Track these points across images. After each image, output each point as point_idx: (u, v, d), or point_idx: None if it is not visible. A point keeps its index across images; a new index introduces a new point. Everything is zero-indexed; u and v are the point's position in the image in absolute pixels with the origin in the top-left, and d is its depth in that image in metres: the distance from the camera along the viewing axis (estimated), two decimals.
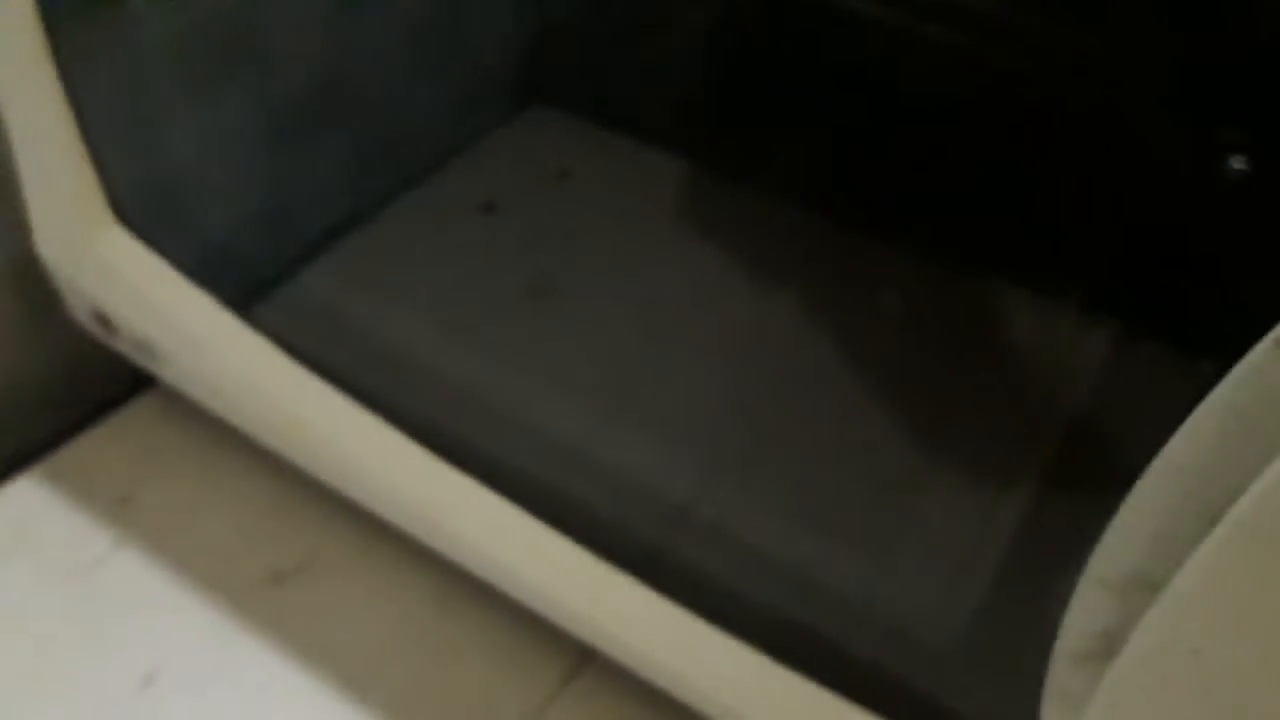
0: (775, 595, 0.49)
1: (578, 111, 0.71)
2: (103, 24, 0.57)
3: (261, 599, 0.61)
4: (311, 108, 0.67)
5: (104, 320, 0.67)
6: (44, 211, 0.64)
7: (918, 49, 0.43)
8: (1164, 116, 0.32)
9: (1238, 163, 0.30)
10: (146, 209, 0.62)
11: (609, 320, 0.63)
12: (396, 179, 0.71)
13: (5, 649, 0.59)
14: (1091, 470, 0.37)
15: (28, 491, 0.67)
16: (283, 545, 0.64)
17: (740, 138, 0.58)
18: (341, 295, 0.65)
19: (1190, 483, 0.30)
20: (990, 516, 0.42)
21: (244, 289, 0.62)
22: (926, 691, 0.46)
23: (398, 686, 0.58)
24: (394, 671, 0.58)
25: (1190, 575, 0.30)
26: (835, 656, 0.47)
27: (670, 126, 0.63)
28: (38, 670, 0.58)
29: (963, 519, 0.44)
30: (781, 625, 0.48)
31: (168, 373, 0.67)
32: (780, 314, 0.57)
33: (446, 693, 0.58)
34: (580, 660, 0.59)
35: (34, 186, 0.63)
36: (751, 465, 0.53)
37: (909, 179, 0.50)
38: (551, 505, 0.53)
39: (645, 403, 0.58)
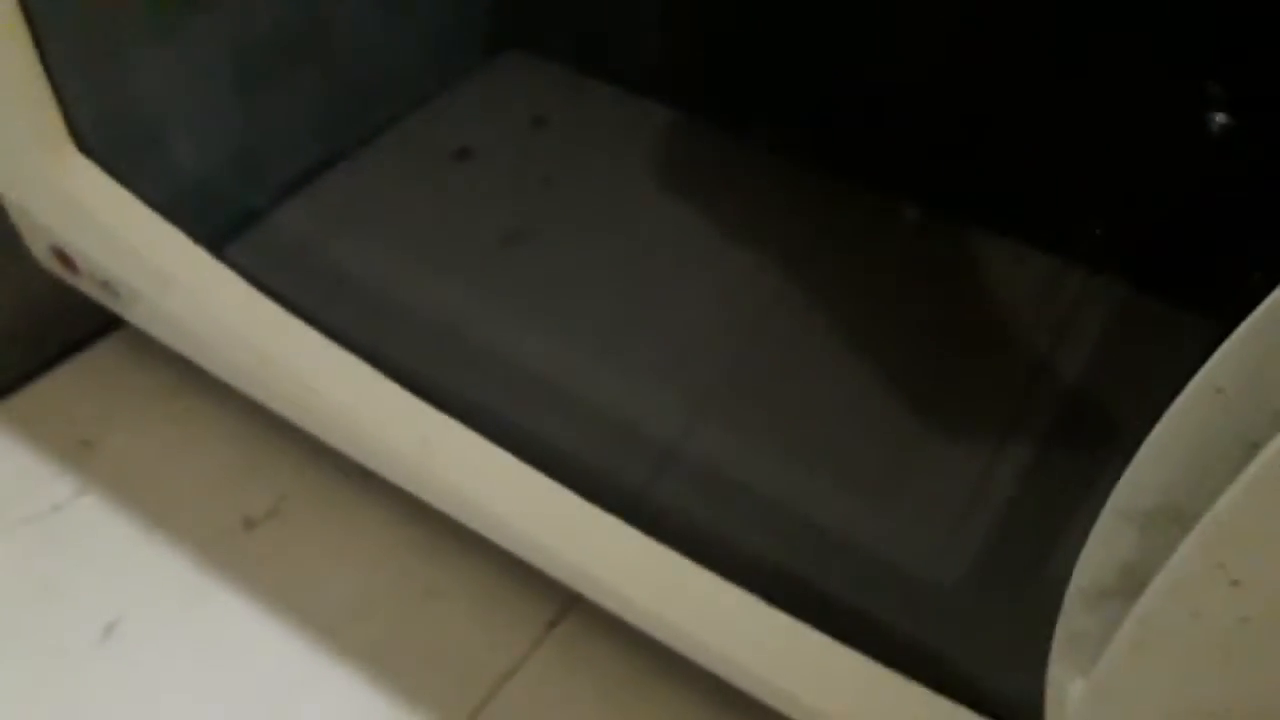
0: (766, 537, 0.47)
1: (552, 58, 0.68)
2: None
3: (231, 545, 0.59)
4: (283, 48, 0.65)
5: (64, 258, 0.64)
6: None
7: None
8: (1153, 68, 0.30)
9: (1221, 118, 0.29)
10: (113, 139, 0.59)
11: (589, 266, 0.60)
12: (370, 123, 0.69)
13: None
14: (1098, 417, 0.36)
15: None
16: (254, 491, 0.61)
17: (719, 82, 0.56)
18: (316, 235, 0.62)
19: (1229, 404, 0.29)
20: (992, 461, 0.41)
21: (216, 227, 0.60)
22: (924, 636, 0.44)
23: (374, 634, 0.56)
24: (370, 618, 0.56)
25: (1232, 502, 0.28)
26: (829, 599, 0.45)
27: (646, 72, 0.60)
28: None
29: (962, 463, 0.43)
30: (772, 567, 0.46)
31: (132, 313, 0.64)
32: (764, 259, 0.55)
33: (425, 640, 0.56)
34: (564, 607, 0.57)
35: None
36: (739, 407, 0.51)
37: (898, 127, 0.48)
38: (533, 447, 0.51)
39: (628, 345, 0.56)
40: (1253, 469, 0.27)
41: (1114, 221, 0.35)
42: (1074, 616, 0.36)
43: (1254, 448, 0.28)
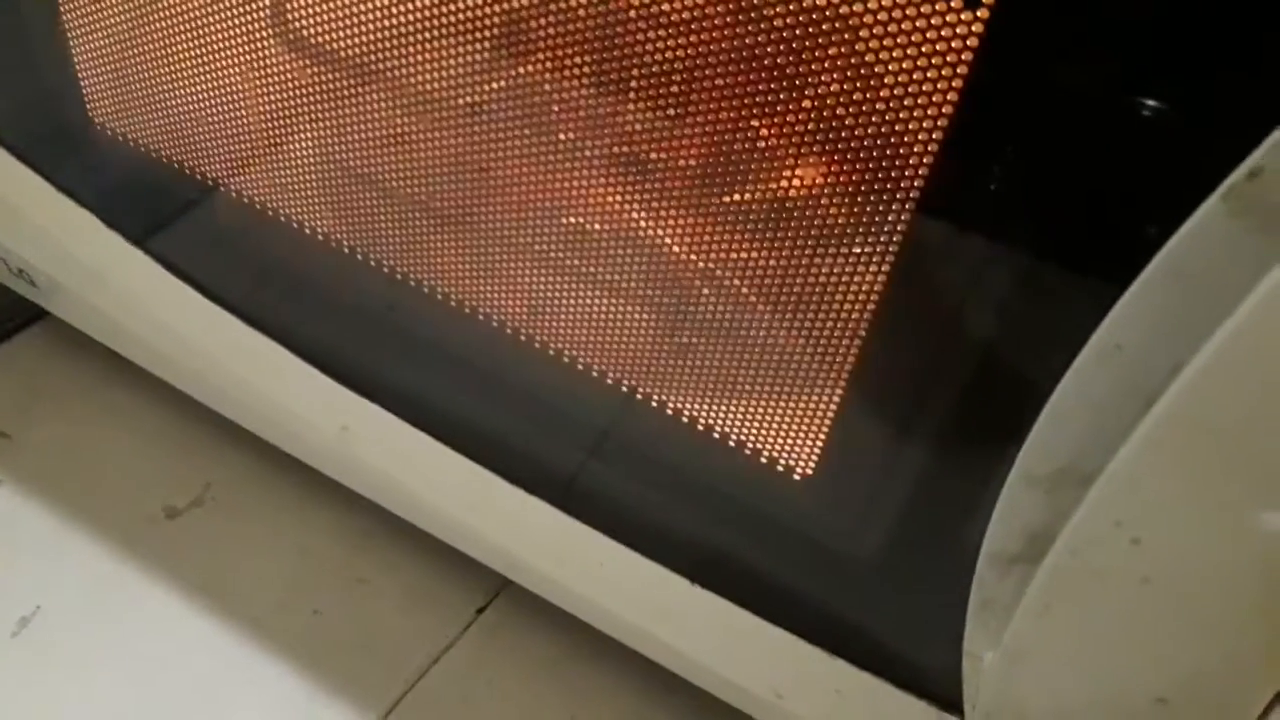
0: (686, 514, 0.46)
1: None
2: None
3: (153, 535, 0.57)
4: None
5: None
6: None
7: None
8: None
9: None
10: (25, 125, 0.58)
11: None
12: None
13: None
14: (1010, 382, 0.35)
15: None
16: (176, 480, 0.60)
17: None
18: (239, 223, 0.61)
19: (1127, 361, 0.29)
20: (906, 431, 0.40)
21: (137, 218, 0.58)
22: (843, 608, 0.44)
23: (299, 623, 0.55)
24: (295, 607, 0.55)
25: (1127, 460, 0.28)
26: (751, 575, 0.45)
27: None
28: None
29: (876, 435, 0.42)
30: (691, 544, 0.46)
31: (52, 303, 0.63)
32: None
33: (351, 628, 0.55)
34: (492, 592, 0.57)
35: None
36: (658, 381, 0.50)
37: None
38: (454, 429, 0.50)
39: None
40: (1148, 423, 0.27)
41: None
42: (986, 584, 0.36)
43: (1150, 404, 0.28)
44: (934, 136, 0.31)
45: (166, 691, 0.51)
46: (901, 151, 0.31)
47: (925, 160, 0.31)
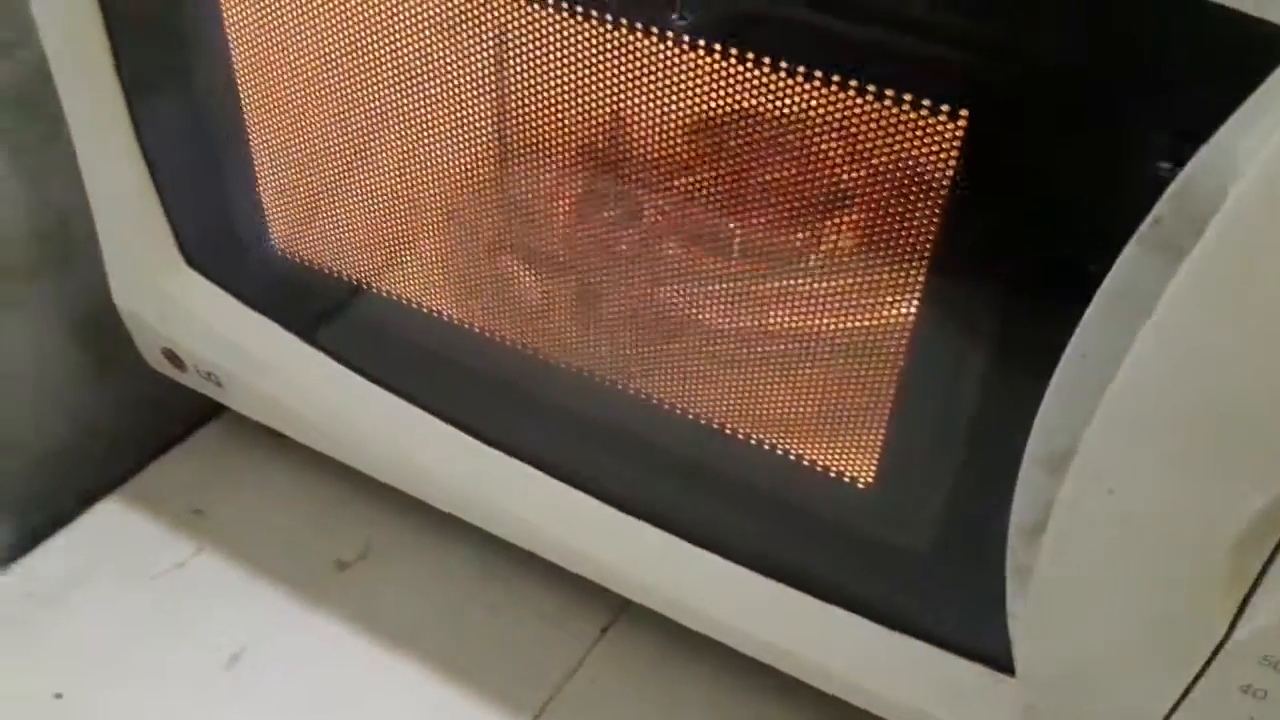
0: (759, 523, 0.56)
1: None
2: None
3: (328, 584, 0.69)
4: None
5: (174, 357, 0.76)
6: (120, 263, 0.73)
7: None
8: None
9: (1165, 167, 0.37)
10: (215, 251, 0.71)
11: None
12: None
13: (99, 640, 0.66)
14: (1017, 387, 0.45)
15: (110, 514, 0.74)
16: (342, 538, 0.72)
17: None
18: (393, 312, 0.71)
19: (1091, 363, 0.39)
20: (946, 432, 0.50)
21: (304, 316, 0.70)
22: (909, 593, 0.53)
23: (448, 647, 0.65)
24: (444, 634, 0.66)
25: (1095, 431, 0.38)
26: (813, 572, 0.55)
27: None
28: (130, 656, 0.65)
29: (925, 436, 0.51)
30: (766, 549, 0.56)
31: (233, 399, 0.75)
32: None
33: (492, 649, 0.65)
34: (616, 612, 0.67)
35: (111, 240, 0.72)
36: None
37: None
38: (578, 473, 0.61)
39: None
40: (1104, 404, 0.38)
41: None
42: (1016, 553, 0.46)
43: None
44: (939, 206, 0.42)
45: (336, 703, 0.63)
46: (918, 218, 0.43)
47: (934, 223, 0.42)
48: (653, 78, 0.46)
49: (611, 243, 0.55)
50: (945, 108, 0.40)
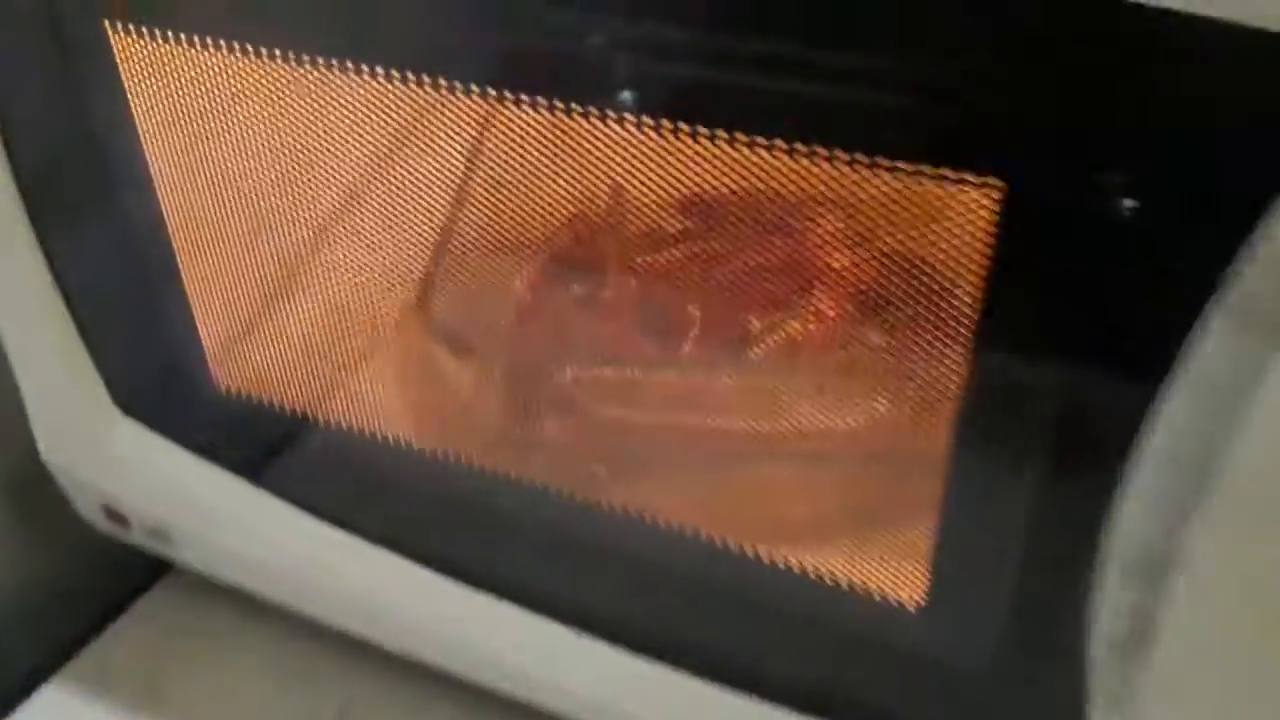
0: (786, 652, 0.50)
1: None
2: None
3: None
4: None
5: (115, 514, 0.68)
6: (47, 417, 0.66)
7: None
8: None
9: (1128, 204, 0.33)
10: (152, 395, 0.64)
11: None
12: None
13: None
14: (1082, 484, 0.40)
15: (51, 703, 0.67)
16: (313, 707, 0.64)
17: None
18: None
19: (1178, 460, 0.34)
20: (1001, 540, 0.44)
21: (250, 457, 0.64)
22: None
23: None
24: None
25: (1199, 537, 0.33)
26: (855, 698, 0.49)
27: None
28: None
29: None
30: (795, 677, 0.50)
31: (184, 554, 0.68)
32: None
33: None
34: None
35: (34, 391, 0.65)
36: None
37: None
38: (562, 605, 0.55)
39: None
40: (1208, 503, 0.32)
41: None
42: (1105, 669, 0.40)
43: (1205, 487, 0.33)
44: (979, 288, 0.37)
45: None
46: (955, 303, 0.37)
47: (977, 307, 0.37)
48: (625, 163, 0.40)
49: (597, 341, 0.49)
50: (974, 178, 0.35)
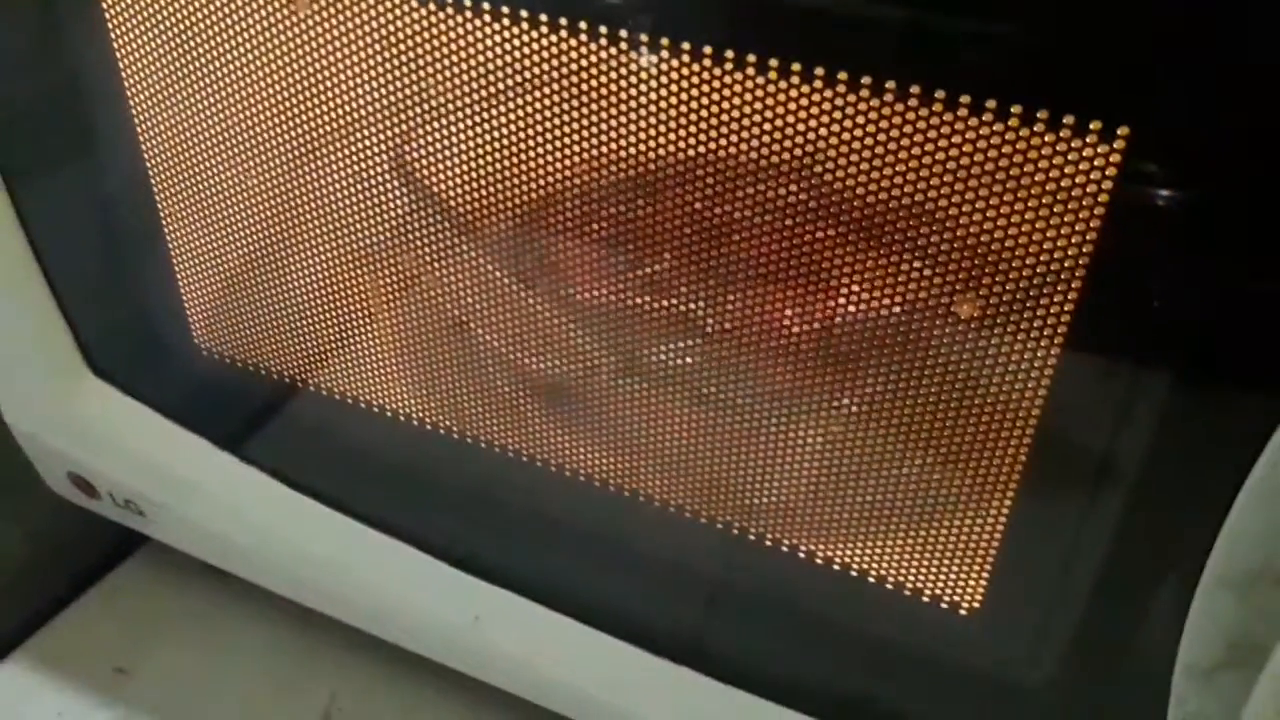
0: (830, 664, 0.46)
1: None
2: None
3: None
4: None
5: (83, 483, 0.63)
6: (10, 374, 0.61)
7: None
8: None
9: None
10: (125, 354, 0.59)
11: None
12: None
13: None
14: (1178, 494, 0.35)
15: (13, 677, 0.62)
16: (300, 696, 0.59)
17: None
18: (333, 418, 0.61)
19: None
20: (1073, 546, 0.40)
21: (232, 426, 0.59)
22: None
23: None
24: None
25: None
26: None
27: None
28: None
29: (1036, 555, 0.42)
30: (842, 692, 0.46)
31: (157, 529, 0.63)
32: None
33: None
34: None
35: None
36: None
37: None
38: (587, 606, 0.50)
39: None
40: None
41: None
42: (1188, 697, 0.36)
43: None
44: (1080, 265, 0.32)
45: None
46: (1049, 284, 0.32)
47: (1073, 291, 0.32)
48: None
49: (641, 318, 0.44)
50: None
